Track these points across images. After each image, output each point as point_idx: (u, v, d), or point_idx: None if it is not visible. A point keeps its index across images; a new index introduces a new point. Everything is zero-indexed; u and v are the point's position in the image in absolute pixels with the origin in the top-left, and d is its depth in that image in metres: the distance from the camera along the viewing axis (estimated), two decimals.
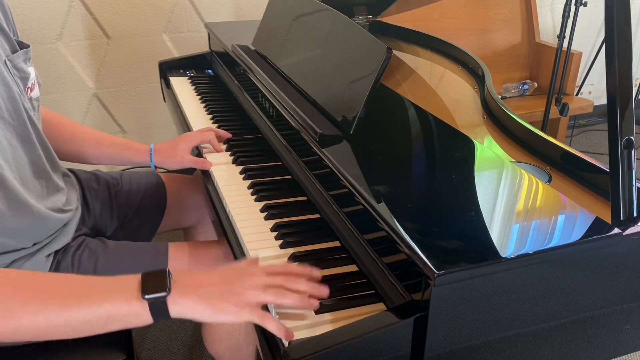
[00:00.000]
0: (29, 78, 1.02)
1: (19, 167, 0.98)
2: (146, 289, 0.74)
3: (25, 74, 1.01)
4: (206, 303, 0.75)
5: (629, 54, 0.78)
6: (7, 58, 0.96)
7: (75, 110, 2.41)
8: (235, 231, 1.04)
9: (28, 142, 1.00)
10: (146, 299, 0.73)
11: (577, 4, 2.08)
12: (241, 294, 0.76)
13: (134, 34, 2.37)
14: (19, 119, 0.97)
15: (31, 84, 1.03)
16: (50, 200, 1.07)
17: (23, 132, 0.98)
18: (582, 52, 2.50)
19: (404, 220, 0.81)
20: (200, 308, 0.75)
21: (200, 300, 0.75)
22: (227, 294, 0.76)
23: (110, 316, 0.73)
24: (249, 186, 1.17)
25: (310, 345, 0.72)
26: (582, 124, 3.49)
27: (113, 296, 0.74)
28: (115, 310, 0.73)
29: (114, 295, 0.74)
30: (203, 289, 0.76)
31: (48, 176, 1.07)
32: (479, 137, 1.16)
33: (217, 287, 0.77)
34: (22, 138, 0.98)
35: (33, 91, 1.04)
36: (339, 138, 1.06)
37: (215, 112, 1.57)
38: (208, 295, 0.75)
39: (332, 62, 1.20)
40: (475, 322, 0.78)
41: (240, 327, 1.18)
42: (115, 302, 0.73)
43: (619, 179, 0.80)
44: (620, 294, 0.87)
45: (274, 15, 1.53)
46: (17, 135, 0.97)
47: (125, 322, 0.74)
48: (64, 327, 0.72)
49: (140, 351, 1.76)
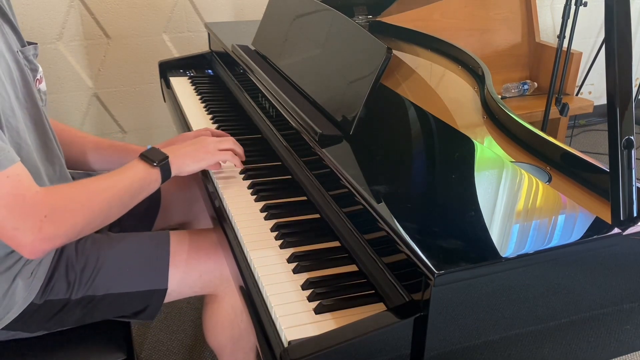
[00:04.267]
0: (38, 71, 1.08)
1: (33, 148, 1.02)
2: (153, 160, 1.06)
3: (34, 66, 1.07)
4: (189, 158, 1.13)
5: (629, 54, 0.78)
6: (18, 50, 1.02)
7: (75, 110, 2.41)
8: (235, 231, 1.04)
9: (41, 126, 1.06)
10: (157, 165, 1.06)
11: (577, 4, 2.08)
12: (208, 146, 1.15)
13: (134, 34, 2.37)
14: (32, 103, 1.03)
15: (39, 76, 1.09)
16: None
17: (36, 115, 1.04)
18: (582, 52, 2.50)
19: (404, 220, 0.81)
20: (187, 161, 1.12)
21: (186, 157, 1.12)
22: (201, 148, 1.15)
23: (142, 184, 1.04)
24: (249, 186, 1.18)
25: (310, 345, 0.73)
26: (582, 124, 3.49)
27: (137, 172, 1.04)
28: (143, 179, 1.04)
29: (137, 172, 1.04)
30: (184, 151, 1.13)
31: (60, 162, 1.12)
32: (479, 137, 1.16)
33: (192, 149, 1.14)
34: (34, 121, 1.04)
35: (41, 84, 1.10)
36: (339, 138, 1.06)
37: (215, 112, 1.57)
38: (189, 154, 1.13)
39: (332, 62, 1.20)
40: (475, 322, 0.78)
41: (242, 315, 1.19)
42: (142, 175, 1.04)
43: (619, 179, 0.80)
44: (620, 294, 0.87)
45: (274, 15, 1.52)
46: (31, 118, 1.03)
47: (148, 187, 1.06)
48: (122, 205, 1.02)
49: (140, 351, 1.76)
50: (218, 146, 1.16)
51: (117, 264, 1.09)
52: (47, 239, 0.90)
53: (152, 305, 1.12)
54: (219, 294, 1.18)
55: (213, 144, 1.16)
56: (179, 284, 1.13)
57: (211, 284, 1.16)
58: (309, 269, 0.92)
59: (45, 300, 1.04)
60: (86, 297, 1.06)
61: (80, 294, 1.06)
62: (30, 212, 0.88)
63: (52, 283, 1.05)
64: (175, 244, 1.15)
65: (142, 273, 1.10)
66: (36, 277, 1.03)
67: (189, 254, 1.14)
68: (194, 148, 1.14)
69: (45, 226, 0.89)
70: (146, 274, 1.11)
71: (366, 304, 0.83)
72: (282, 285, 0.89)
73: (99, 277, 1.07)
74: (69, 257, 1.08)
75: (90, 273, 1.07)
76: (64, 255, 1.08)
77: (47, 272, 1.05)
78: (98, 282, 1.07)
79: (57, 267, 1.06)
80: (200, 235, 1.20)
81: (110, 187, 1.00)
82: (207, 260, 1.15)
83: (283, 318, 0.81)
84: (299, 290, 0.87)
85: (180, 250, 1.14)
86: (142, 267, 1.11)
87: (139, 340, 1.80)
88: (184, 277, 1.13)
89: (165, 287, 1.11)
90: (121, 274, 1.09)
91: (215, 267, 1.15)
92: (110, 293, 1.07)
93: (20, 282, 1.02)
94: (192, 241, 1.17)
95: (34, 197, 0.89)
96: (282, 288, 0.88)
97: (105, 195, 0.99)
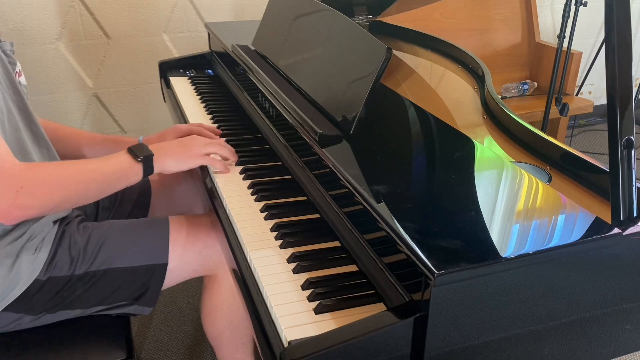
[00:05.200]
0: (16, 64, 1.11)
1: (21, 130, 1.05)
2: (138, 155, 1.09)
3: (12, 59, 1.09)
4: (174, 158, 1.15)
5: (629, 54, 0.78)
6: None
7: (75, 110, 2.41)
8: (235, 231, 1.04)
9: (24, 110, 1.09)
10: (141, 161, 1.09)
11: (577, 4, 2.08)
12: (194, 149, 1.17)
13: (134, 34, 2.37)
14: (14, 89, 1.06)
15: (18, 69, 1.11)
16: None
17: (19, 101, 1.07)
18: (582, 52, 2.50)
19: (404, 220, 0.81)
20: (171, 161, 1.14)
21: (171, 157, 1.14)
22: (186, 150, 1.16)
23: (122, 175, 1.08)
24: (249, 186, 1.17)
25: (310, 345, 0.73)
26: (582, 124, 3.49)
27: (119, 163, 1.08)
28: (123, 170, 1.08)
29: (120, 163, 1.08)
30: (170, 151, 1.15)
31: (47, 145, 1.15)
32: (479, 137, 1.16)
33: (178, 149, 1.16)
34: (18, 106, 1.07)
35: (21, 77, 1.12)
36: (339, 138, 1.06)
37: (215, 112, 1.57)
38: (175, 153, 1.15)
39: (332, 62, 1.20)
40: (475, 322, 0.78)
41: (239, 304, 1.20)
42: (124, 167, 1.08)
43: (619, 179, 0.80)
44: (620, 294, 0.87)
45: (274, 15, 1.53)
46: (14, 102, 1.06)
47: (128, 179, 1.09)
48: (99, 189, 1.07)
49: (140, 351, 1.76)
50: (204, 150, 1.18)
51: (119, 240, 1.13)
52: (21, 207, 0.96)
53: (152, 285, 1.13)
54: (219, 274, 1.21)
55: (199, 147, 1.18)
56: (180, 261, 1.15)
57: (211, 261, 1.19)
58: (309, 269, 0.92)
59: (49, 276, 1.06)
60: (89, 272, 1.09)
61: (82, 269, 1.08)
62: (6, 182, 0.94)
63: (56, 259, 1.08)
64: (175, 224, 1.19)
65: (143, 248, 1.14)
66: (40, 253, 1.06)
67: (188, 231, 1.18)
68: (179, 149, 1.16)
69: (21, 197, 0.95)
70: (147, 249, 1.14)
71: (366, 304, 0.83)
72: (282, 285, 0.89)
73: (101, 252, 1.10)
74: (72, 233, 1.12)
75: (93, 248, 1.10)
76: (67, 232, 1.12)
77: (51, 247, 1.08)
78: (100, 257, 1.10)
79: (60, 242, 1.10)
80: (198, 218, 1.24)
81: (90, 170, 1.05)
82: (206, 237, 1.18)
83: (283, 318, 0.81)
84: (299, 290, 0.87)
85: (180, 228, 1.18)
86: (143, 243, 1.14)
87: (139, 340, 1.80)
88: (184, 253, 1.16)
89: (165, 262, 1.14)
90: (123, 249, 1.12)
91: (215, 243, 1.17)
92: (111, 268, 1.10)
93: (24, 258, 1.04)
94: (191, 221, 1.21)
95: (12, 169, 0.95)
96: (282, 288, 0.88)
97: (84, 177, 1.04)
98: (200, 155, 1.17)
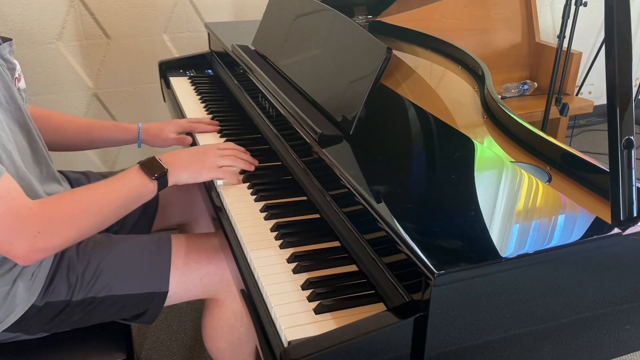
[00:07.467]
0: (16, 69, 1.08)
1: (19, 150, 1.02)
2: (152, 173, 1.06)
3: (12, 64, 1.06)
4: (188, 171, 1.12)
5: (629, 54, 0.78)
6: None
7: (75, 111, 2.41)
8: (235, 231, 1.04)
9: (25, 127, 1.06)
10: (155, 179, 1.06)
11: (577, 4, 2.08)
12: (207, 161, 1.14)
13: (134, 34, 2.37)
14: (14, 105, 1.03)
15: (18, 74, 1.08)
16: (50, 187, 1.11)
17: (19, 117, 1.04)
18: (582, 52, 2.50)
19: (404, 220, 0.81)
20: (185, 174, 1.11)
21: (184, 170, 1.11)
22: (199, 163, 1.14)
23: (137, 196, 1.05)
24: (249, 186, 1.17)
25: (310, 345, 0.72)
26: (582, 124, 3.49)
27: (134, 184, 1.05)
28: (139, 192, 1.05)
29: (134, 184, 1.05)
30: (183, 163, 1.12)
31: (47, 162, 1.12)
32: (479, 137, 1.16)
33: (192, 161, 1.13)
34: (19, 123, 1.04)
35: (20, 82, 1.09)
36: (339, 138, 1.06)
37: (215, 112, 1.57)
38: (188, 167, 1.12)
39: (332, 62, 1.20)
40: (475, 322, 0.78)
41: (242, 320, 1.19)
42: (139, 188, 1.05)
43: (619, 179, 0.80)
44: (620, 294, 0.87)
45: (274, 15, 1.52)
46: (15, 120, 1.03)
47: (143, 198, 1.07)
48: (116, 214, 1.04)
49: (140, 351, 1.76)
50: (219, 162, 1.15)
51: (118, 266, 1.09)
52: (40, 250, 0.94)
53: (151, 308, 1.12)
54: (220, 297, 1.18)
55: (213, 158, 1.15)
56: (180, 287, 1.13)
57: (212, 287, 1.16)
58: (309, 269, 0.92)
59: (47, 302, 1.04)
60: (87, 298, 1.06)
61: (81, 295, 1.06)
62: (23, 228, 0.91)
63: (53, 285, 1.05)
64: (177, 247, 1.15)
65: (143, 275, 1.10)
66: (37, 279, 1.03)
67: (190, 257, 1.14)
68: (193, 162, 1.14)
69: (40, 241, 0.92)
70: (147, 276, 1.10)
71: (366, 304, 0.83)
72: (282, 285, 0.89)
73: (100, 278, 1.07)
74: (70, 258, 1.08)
75: (91, 275, 1.07)
76: (65, 257, 1.08)
77: (48, 274, 1.05)
78: (99, 284, 1.07)
79: (58, 268, 1.06)
80: (202, 239, 1.19)
81: (105, 198, 1.02)
82: (208, 264, 1.14)
83: (283, 318, 0.81)
84: (299, 290, 0.87)
85: (181, 253, 1.14)
86: (143, 270, 1.11)
87: (139, 340, 1.80)
88: (185, 280, 1.13)
89: (165, 290, 1.11)
90: (122, 275, 1.09)
91: (216, 271, 1.14)
92: (110, 295, 1.07)
93: (21, 285, 1.02)
94: (193, 245, 1.17)
95: (28, 213, 0.91)
96: (282, 288, 0.88)
97: (99, 207, 1.00)
98: (215, 168, 1.14)
